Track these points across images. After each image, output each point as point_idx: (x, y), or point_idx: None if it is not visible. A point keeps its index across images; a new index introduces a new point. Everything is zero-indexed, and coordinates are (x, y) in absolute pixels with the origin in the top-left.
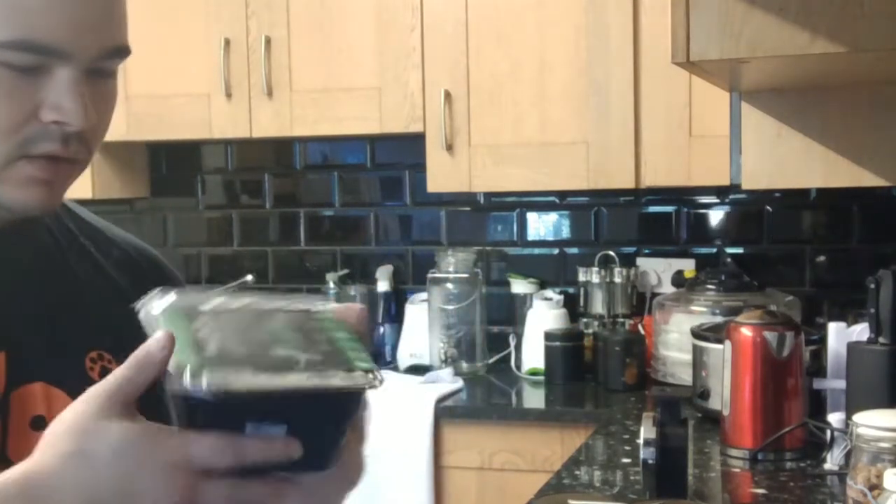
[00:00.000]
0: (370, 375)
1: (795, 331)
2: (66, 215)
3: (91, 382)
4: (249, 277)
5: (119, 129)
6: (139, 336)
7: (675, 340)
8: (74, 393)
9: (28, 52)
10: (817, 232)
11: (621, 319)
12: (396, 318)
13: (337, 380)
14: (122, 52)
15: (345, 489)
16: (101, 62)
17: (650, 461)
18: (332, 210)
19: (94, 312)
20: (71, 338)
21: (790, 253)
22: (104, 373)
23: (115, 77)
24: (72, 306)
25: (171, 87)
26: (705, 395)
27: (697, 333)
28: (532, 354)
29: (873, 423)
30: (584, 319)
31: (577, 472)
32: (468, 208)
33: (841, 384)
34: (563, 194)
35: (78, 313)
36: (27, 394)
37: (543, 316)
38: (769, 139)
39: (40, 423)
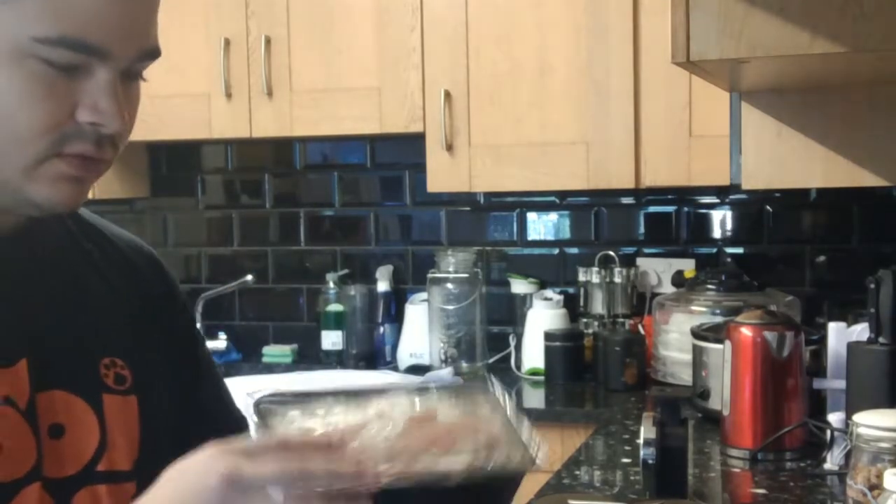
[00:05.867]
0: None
1: (795, 331)
2: (67, 215)
3: (106, 389)
4: (249, 277)
5: None
6: (146, 341)
7: (675, 340)
8: (91, 400)
9: (72, 50)
10: (817, 232)
11: (621, 319)
12: (396, 318)
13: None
14: (155, 53)
15: None
16: (136, 64)
17: (650, 461)
18: (332, 210)
19: (101, 317)
20: (84, 344)
21: (790, 253)
22: (119, 380)
23: (140, 79)
24: (81, 311)
25: (171, 87)
26: (705, 395)
27: (697, 333)
28: (532, 354)
29: (873, 423)
30: (584, 319)
31: (577, 472)
32: (468, 208)
33: (841, 384)
34: (563, 194)
35: (88, 318)
36: (47, 401)
37: (543, 316)
38: (769, 139)
39: (58, 431)
